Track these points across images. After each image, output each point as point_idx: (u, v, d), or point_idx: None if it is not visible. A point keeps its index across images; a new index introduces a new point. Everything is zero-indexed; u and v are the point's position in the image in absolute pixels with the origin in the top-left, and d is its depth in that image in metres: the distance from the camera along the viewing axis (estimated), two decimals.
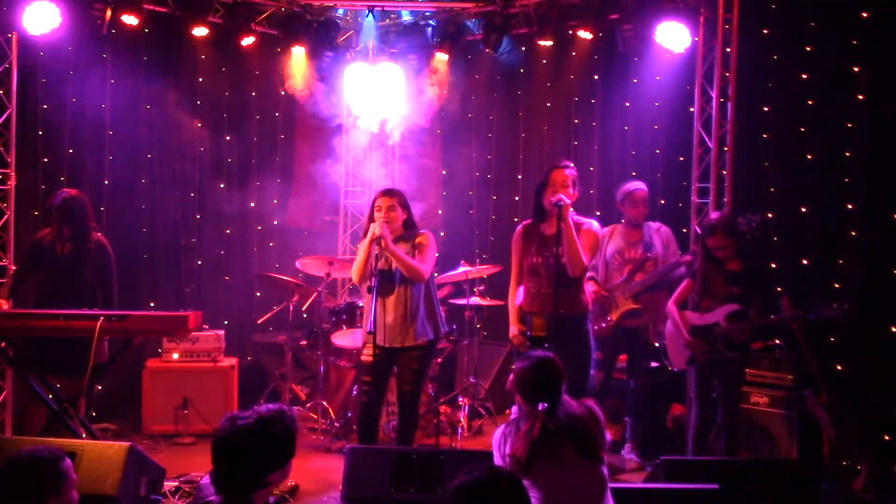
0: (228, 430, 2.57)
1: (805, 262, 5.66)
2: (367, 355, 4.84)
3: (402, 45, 7.21)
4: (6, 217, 5.85)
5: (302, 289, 6.47)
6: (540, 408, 3.15)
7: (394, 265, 4.71)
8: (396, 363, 4.84)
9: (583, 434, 3.11)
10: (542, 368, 3.25)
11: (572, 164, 4.64)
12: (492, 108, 7.64)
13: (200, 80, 7.19)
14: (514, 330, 4.59)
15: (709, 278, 4.95)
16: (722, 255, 4.90)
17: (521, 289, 4.66)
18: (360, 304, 6.23)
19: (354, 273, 4.82)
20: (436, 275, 6.49)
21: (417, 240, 4.81)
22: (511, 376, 3.35)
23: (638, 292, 5.54)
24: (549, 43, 6.65)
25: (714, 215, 5.14)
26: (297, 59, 7.10)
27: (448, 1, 7.01)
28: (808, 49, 5.73)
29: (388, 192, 4.85)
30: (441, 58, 7.04)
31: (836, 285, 5.47)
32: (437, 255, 4.90)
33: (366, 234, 4.81)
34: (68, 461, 2.78)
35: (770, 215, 5.81)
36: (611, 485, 3.17)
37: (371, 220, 4.80)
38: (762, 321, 4.86)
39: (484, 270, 6.43)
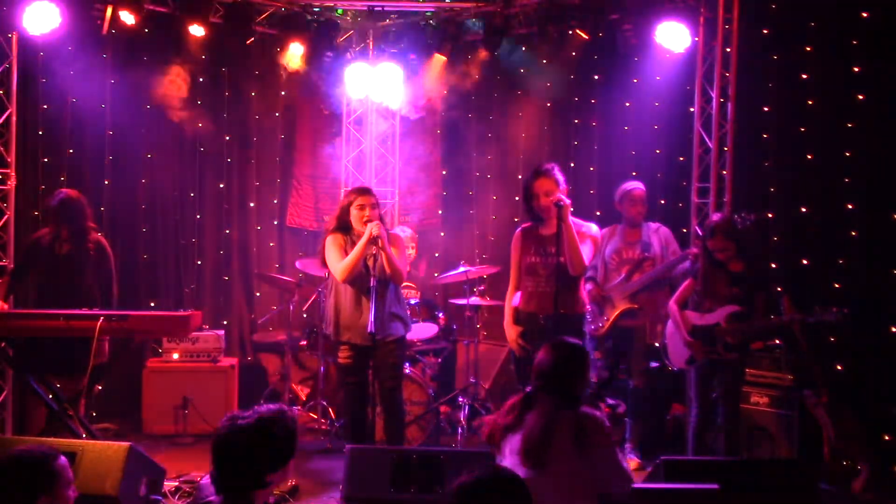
0: (228, 429, 2.57)
1: (805, 262, 5.67)
2: (344, 358, 4.83)
3: (402, 45, 7.21)
4: (6, 217, 5.85)
5: (302, 289, 6.47)
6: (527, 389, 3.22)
7: (379, 262, 4.69)
8: (373, 358, 4.83)
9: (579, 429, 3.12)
10: (553, 352, 3.28)
11: (553, 165, 4.56)
12: (492, 108, 7.64)
13: (200, 80, 7.19)
14: (511, 334, 4.56)
15: (710, 279, 4.95)
16: (723, 256, 4.90)
17: (518, 292, 4.64)
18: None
19: (343, 272, 4.71)
20: (436, 274, 6.56)
21: (392, 241, 4.83)
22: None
23: (635, 292, 5.54)
24: (548, 43, 6.64)
25: (715, 217, 5.14)
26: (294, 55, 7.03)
27: (448, 1, 7.01)
28: (808, 49, 5.73)
29: (366, 191, 4.85)
30: (441, 58, 7.03)
31: (836, 285, 5.47)
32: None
33: (333, 230, 4.81)
34: (63, 459, 2.73)
35: (770, 215, 5.81)
36: None
37: (343, 218, 4.80)
38: (763, 323, 4.86)
39: (484, 270, 6.43)
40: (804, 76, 5.74)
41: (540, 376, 3.28)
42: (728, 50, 5.89)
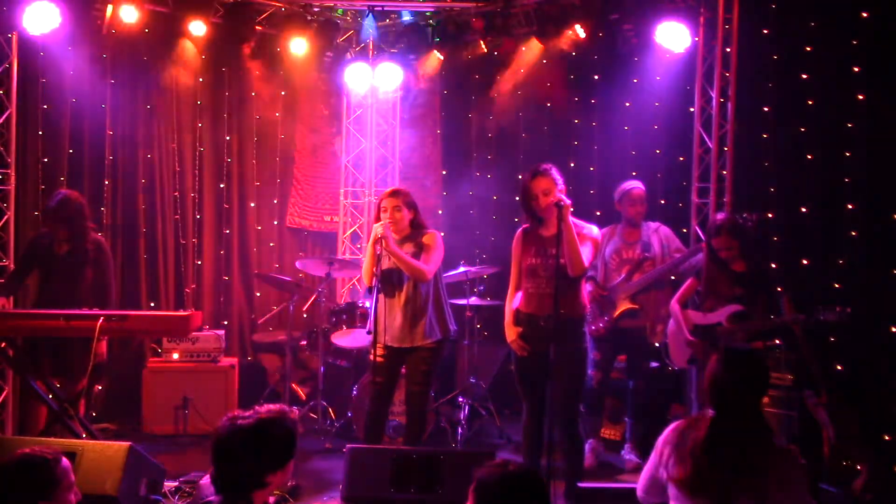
0: (228, 429, 2.57)
1: (805, 262, 5.66)
2: (376, 355, 4.84)
3: (402, 45, 7.21)
4: (6, 217, 5.85)
5: (302, 289, 6.47)
6: (709, 413, 2.78)
7: (389, 264, 4.71)
8: (405, 363, 4.84)
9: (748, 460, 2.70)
10: (733, 367, 2.83)
11: (549, 165, 4.52)
12: (492, 107, 7.64)
13: (200, 79, 7.19)
14: (511, 334, 4.56)
15: (713, 278, 4.95)
16: (727, 255, 4.89)
17: (519, 293, 4.63)
18: (361, 305, 6.23)
19: (364, 276, 4.81)
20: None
21: (423, 239, 4.81)
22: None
23: (636, 292, 5.54)
24: (549, 43, 6.64)
25: (720, 216, 5.14)
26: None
27: (448, 1, 7.01)
28: (808, 49, 5.73)
29: (394, 193, 4.84)
30: (441, 58, 7.03)
31: (836, 285, 5.46)
32: (442, 254, 4.87)
33: (370, 235, 4.81)
34: (66, 463, 2.69)
35: (770, 215, 5.81)
36: (610, 485, 3.11)
37: (377, 220, 4.80)
38: (764, 323, 4.86)
39: (484, 270, 6.43)
40: (804, 76, 5.73)
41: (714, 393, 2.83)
42: (728, 50, 5.89)
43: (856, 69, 5.47)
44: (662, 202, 6.62)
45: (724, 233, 4.87)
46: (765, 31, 5.99)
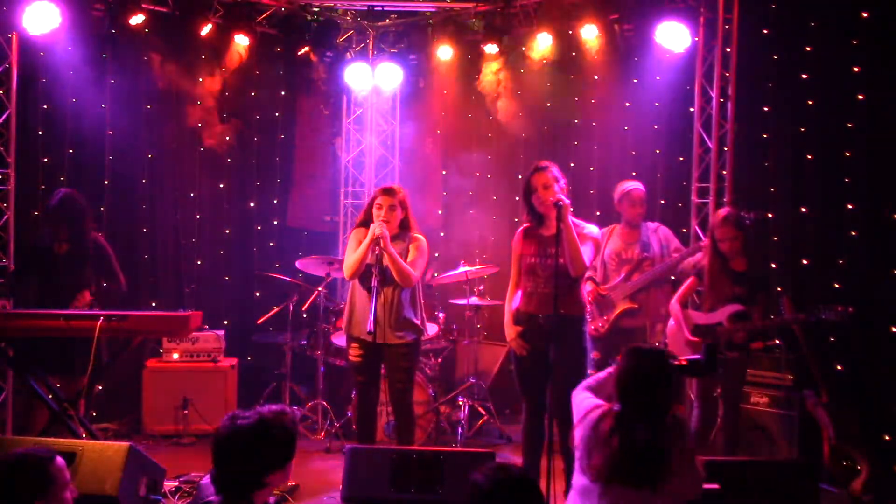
0: (229, 429, 2.58)
1: (805, 262, 5.66)
2: (354, 356, 4.84)
3: (402, 45, 7.21)
4: (6, 217, 5.85)
5: (302, 289, 6.46)
6: (615, 408, 3.01)
7: (385, 262, 4.71)
8: (385, 360, 4.85)
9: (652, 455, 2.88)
10: (640, 363, 3.09)
11: (550, 163, 4.54)
12: (492, 107, 7.63)
13: (200, 79, 7.19)
14: (511, 333, 4.56)
15: (714, 278, 4.96)
16: (728, 247, 4.88)
17: (519, 292, 4.63)
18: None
19: (348, 269, 4.78)
20: (436, 275, 6.57)
21: (412, 244, 4.82)
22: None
23: (635, 291, 5.54)
24: (548, 42, 6.64)
25: (724, 209, 5.15)
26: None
27: (448, 1, 7.01)
28: (808, 49, 5.73)
29: (388, 191, 4.84)
30: (441, 58, 7.03)
31: (836, 285, 5.47)
32: (426, 261, 4.89)
33: (357, 225, 4.81)
34: (60, 461, 2.71)
35: (770, 215, 5.81)
36: None
37: (368, 215, 4.80)
38: (765, 323, 4.86)
39: (484, 270, 6.43)
40: (804, 76, 5.74)
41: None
42: (728, 50, 5.88)
43: (856, 69, 5.47)
44: (662, 202, 6.62)
45: (730, 223, 4.87)
46: (765, 31, 5.99)
